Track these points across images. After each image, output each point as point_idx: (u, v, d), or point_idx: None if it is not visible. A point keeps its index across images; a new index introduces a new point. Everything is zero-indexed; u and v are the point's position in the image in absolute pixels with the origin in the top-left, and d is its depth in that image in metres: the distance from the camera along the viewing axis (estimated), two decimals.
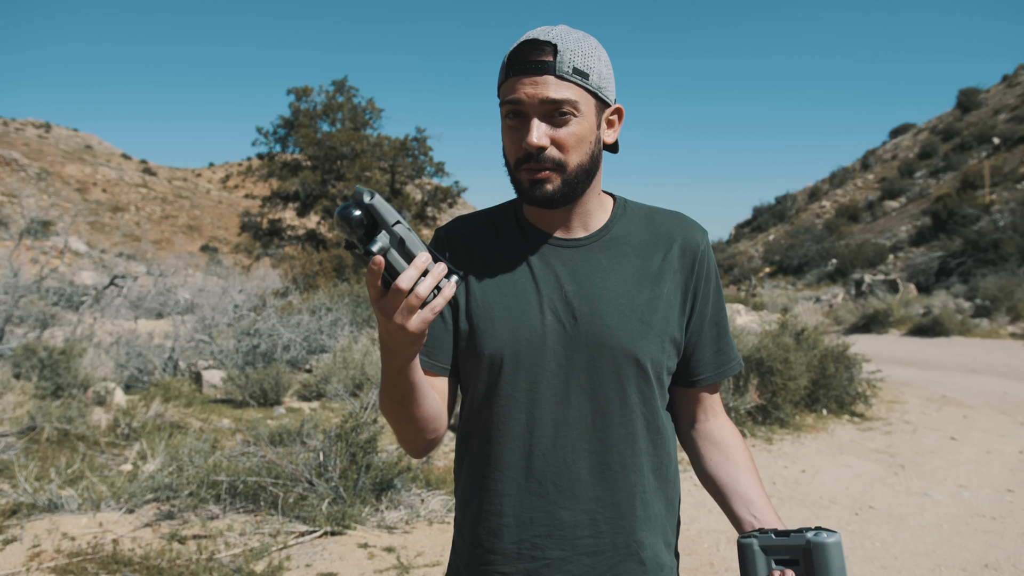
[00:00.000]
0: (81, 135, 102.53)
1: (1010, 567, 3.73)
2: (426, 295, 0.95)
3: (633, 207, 1.31)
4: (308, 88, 30.16)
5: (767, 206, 55.61)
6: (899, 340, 15.65)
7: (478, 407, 1.24)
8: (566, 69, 1.13)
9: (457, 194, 30.45)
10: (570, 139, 1.15)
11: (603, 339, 1.19)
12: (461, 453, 1.29)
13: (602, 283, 1.22)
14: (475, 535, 1.23)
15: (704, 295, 1.28)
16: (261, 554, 3.57)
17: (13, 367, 7.71)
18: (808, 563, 1.09)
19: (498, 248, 1.27)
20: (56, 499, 4.13)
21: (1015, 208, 27.02)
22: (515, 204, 1.32)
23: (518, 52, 1.14)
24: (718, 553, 3.91)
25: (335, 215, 0.92)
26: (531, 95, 1.13)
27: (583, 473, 1.19)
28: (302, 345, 10.27)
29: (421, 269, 0.94)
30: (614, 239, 1.26)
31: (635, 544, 1.21)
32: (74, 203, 58.50)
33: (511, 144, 1.18)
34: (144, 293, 14.29)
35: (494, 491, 1.21)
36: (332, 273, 19.26)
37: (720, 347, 1.30)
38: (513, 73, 1.14)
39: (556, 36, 1.14)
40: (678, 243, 1.27)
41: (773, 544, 1.13)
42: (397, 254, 0.94)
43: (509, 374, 1.20)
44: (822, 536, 1.08)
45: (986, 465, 5.61)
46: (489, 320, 1.21)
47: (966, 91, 49.04)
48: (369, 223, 0.93)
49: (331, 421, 6.31)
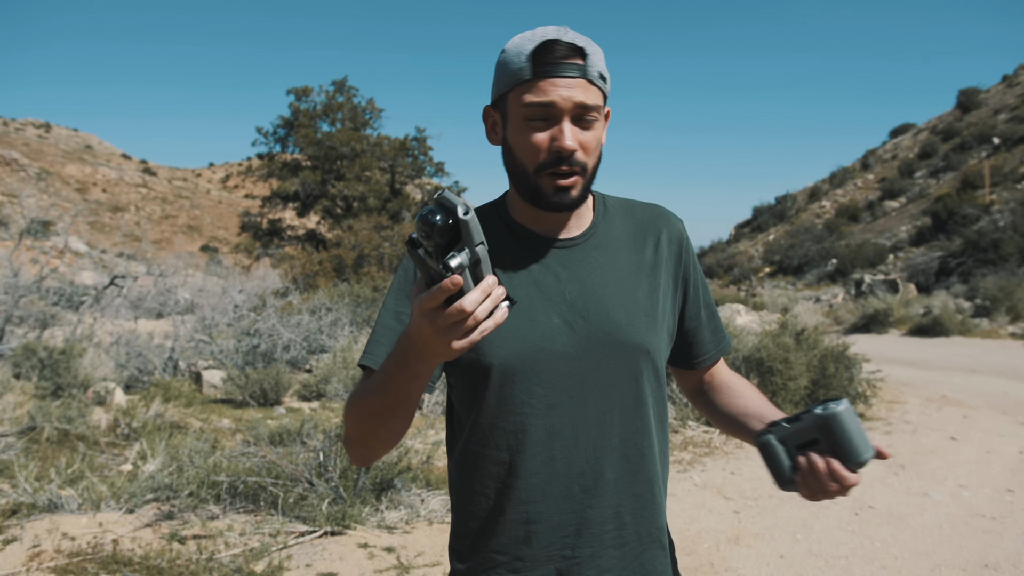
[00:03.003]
0: (81, 135, 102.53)
1: (1010, 567, 3.73)
2: (484, 317, 0.92)
3: (612, 202, 1.32)
4: (308, 88, 30.18)
5: (767, 206, 55.59)
6: (899, 340, 15.65)
7: (489, 419, 1.19)
8: (594, 73, 1.13)
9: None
10: (592, 142, 1.16)
11: (615, 336, 1.19)
12: (467, 471, 1.23)
13: (602, 280, 1.22)
14: (500, 545, 1.20)
15: (695, 281, 1.33)
16: (261, 554, 3.57)
17: (13, 367, 7.71)
18: (827, 436, 1.11)
19: (493, 254, 1.23)
20: (56, 499, 4.13)
21: (1015, 208, 27.01)
22: (496, 206, 1.29)
23: (546, 52, 1.12)
24: (718, 553, 3.91)
25: (418, 217, 0.89)
26: (566, 98, 1.11)
27: (606, 470, 1.20)
28: (302, 345, 10.27)
29: (487, 293, 0.91)
30: (604, 236, 1.27)
31: (656, 531, 1.24)
32: (74, 203, 58.52)
33: (531, 146, 1.15)
34: (144, 293, 14.30)
35: (518, 500, 1.19)
36: (332, 273, 19.25)
37: (715, 326, 1.38)
38: (544, 74, 1.12)
39: (578, 39, 1.14)
40: (664, 234, 1.30)
41: (788, 432, 1.15)
42: (469, 274, 0.91)
43: (523, 381, 1.17)
44: (830, 407, 1.10)
45: (986, 465, 5.61)
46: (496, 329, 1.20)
47: (966, 91, 49.02)
48: (454, 235, 0.90)
49: (331, 421, 6.32)
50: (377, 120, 31.21)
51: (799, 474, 1.13)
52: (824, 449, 1.11)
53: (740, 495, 4.86)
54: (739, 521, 4.40)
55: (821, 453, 1.11)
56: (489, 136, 1.25)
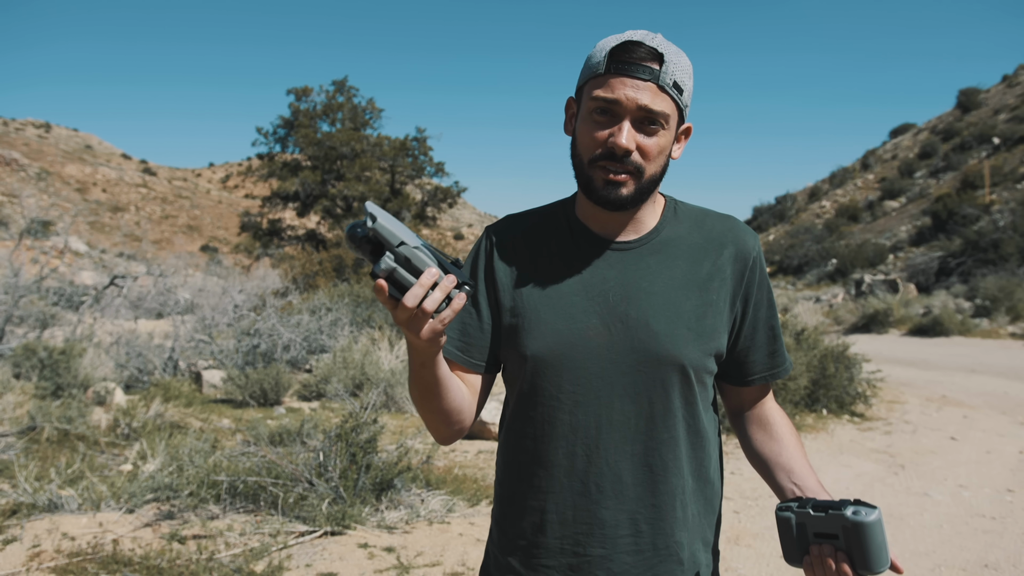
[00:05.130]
0: (81, 135, 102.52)
1: (1010, 567, 3.73)
2: (433, 309, 0.99)
3: (684, 208, 1.31)
4: (308, 88, 30.17)
5: (767, 206, 55.59)
6: (899, 340, 15.64)
7: (523, 405, 1.25)
8: (668, 81, 1.14)
9: (457, 194, 30.47)
10: (654, 149, 1.16)
11: (649, 345, 1.19)
12: (505, 448, 1.30)
13: (650, 287, 1.22)
14: (519, 528, 1.25)
15: (757, 300, 1.29)
16: (261, 554, 3.57)
17: (13, 367, 7.71)
18: (848, 539, 1.08)
19: (548, 249, 1.27)
20: (56, 499, 4.13)
21: (1015, 208, 27.00)
22: (566, 204, 1.31)
23: (624, 51, 1.13)
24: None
25: (344, 232, 0.97)
26: (631, 98, 1.12)
27: (625, 475, 1.20)
28: (302, 345, 10.27)
29: (427, 286, 0.97)
30: (664, 242, 1.26)
31: (675, 545, 1.23)
32: (74, 203, 58.51)
33: (591, 139, 1.17)
34: (144, 293, 14.30)
35: (538, 488, 1.23)
36: (332, 273, 19.27)
37: (774, 349, 1.32)
38: (616, 72, 1.13)
39: (662, 45, 1.14)
40: (729, 249, 1.27)
41: (811, 519, 1.12)
42: (404, 272, 0.98)
43: (554, 375, 1.21)
44: (861, 514, 1.06)
45: (986, 465, 5.61)
46: (535, 321, 1.22)
47: (966, 91, 49.00)
48: (376, 242, 0.97)
49: (331, 421, 6.32)
50: (377, 120, 31.22)
51: (808, 559, 1.13)
52: (841, 547, 1.09)
53: (740, 495, 4.86)
54: (739, 521, 4.40)
55: (836, 548, 1.09)
56: (565, 126, 1.27)
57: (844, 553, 1.09)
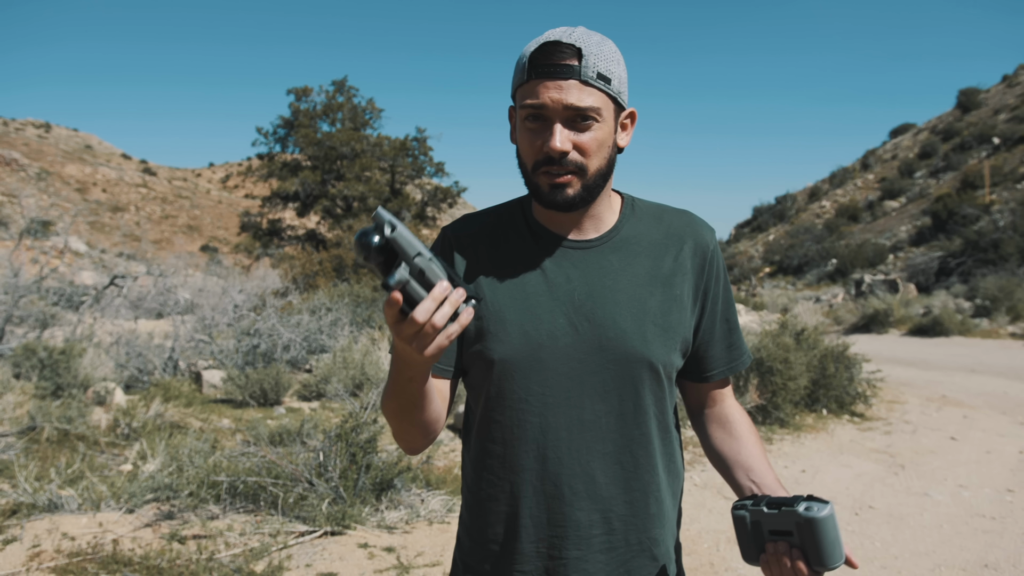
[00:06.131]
0: (81, 135, 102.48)
1: (1010, 567, 3.73)
2: (443, 324, 0.94)
3: (641, 205, 1.30)
4: (308, 88, 30.17)
5: (767, 206, 55.60)
6: (899, 340, 15.64)
7: (490, 410, 1.23)
8: (590, 74, 1.12)
9: (457, 194, 30.46)
10: (592, 144, 1.15)
11: (617, 343, 1.19)
12: (473, 454, 1.28)
13: (614, 285, 1.21)
14: (491, 535, 1.23)
15: (715, 294, 1.29)
16: (261, 554, 3.57)
17: (13, 367, 7.71)
18: (802, 535, 1.08)
19: (507, 249, 1.25)
20: (56, 499, 4.13)
21: (1015, 208, 27.01)
22: (523, 203, 1.30)
23: (540, 54, 1.12)
24: (718, 553, 3.91)
25: (354, 240, 0.91)
26: (555, 100, 1.11)
27: (597, 475, 1.19)
28: (302, 345, 10.27)
29: (439, 301, 0.93)
30: (625, 240, 1.25)
31: (648, 540, 1.23)
32: (74, 203, 58.53)
33: (529, 147, 1.16)
34: (144, 293, 14.30)
35: (510, 493, 1.21)
36: (332, 273, 19.26)
37: (731, 342, 1.32)
38: (536, 76, 1.12)
39: (579, 39, 1.12)
40: (689, 243, 1.27)
41: (765, 516, 1.12)
42: (416, 284, 0.93)
43: (522, 378, 1.19)
44: (814, 510, 1.07)
45: (986, 465, 5.61)
46: (500, 324, 1.20)
47: (966, 91, 49.02)
48: (389, 252, 0.93)
49: (331, 421, 6.31)
50: (377, 120, 31.20)
51: (764, 556, 1.14)
52: (796, 543, 1.10)
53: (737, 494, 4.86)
54: None
55: (792, 546, 1.10)
56: (510, 135, 1.25)
57: (799, 550, 1.10)
